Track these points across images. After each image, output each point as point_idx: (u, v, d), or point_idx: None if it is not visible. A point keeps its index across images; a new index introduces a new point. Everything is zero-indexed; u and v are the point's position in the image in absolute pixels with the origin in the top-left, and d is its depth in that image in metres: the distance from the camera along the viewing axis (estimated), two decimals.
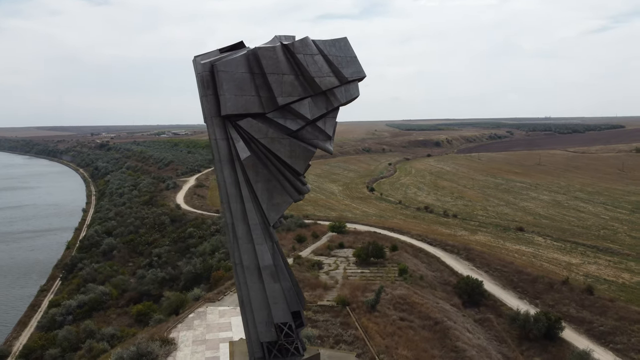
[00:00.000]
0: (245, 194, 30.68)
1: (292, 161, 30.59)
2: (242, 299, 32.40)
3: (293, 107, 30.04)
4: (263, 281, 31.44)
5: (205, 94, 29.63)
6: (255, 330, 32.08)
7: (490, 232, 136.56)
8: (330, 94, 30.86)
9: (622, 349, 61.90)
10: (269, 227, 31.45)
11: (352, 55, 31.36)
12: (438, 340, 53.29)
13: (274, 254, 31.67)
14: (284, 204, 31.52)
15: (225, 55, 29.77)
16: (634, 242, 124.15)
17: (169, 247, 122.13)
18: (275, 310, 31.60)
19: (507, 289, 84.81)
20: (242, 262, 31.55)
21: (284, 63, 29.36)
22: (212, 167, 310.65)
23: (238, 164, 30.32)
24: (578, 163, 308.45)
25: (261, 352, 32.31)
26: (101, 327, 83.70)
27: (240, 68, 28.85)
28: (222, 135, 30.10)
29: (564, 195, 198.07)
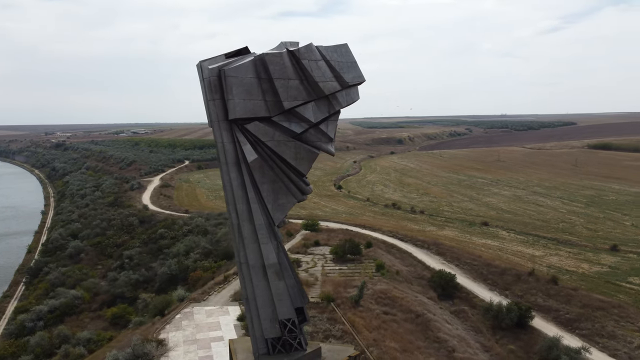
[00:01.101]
0: (251, 195, 31.63)
1: (297, 163, 31.77)
2: (246, 297, 33.32)
3: (298, 111, 31.21)
4: (268, 279, 32.49)
5: (213, 98, 30.39)
6: (260, 327, 33.08)
7: (457, 227, 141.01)
8: (332, 98, 32.18)
9: (587, 334, 65.94)
10: (273, 227, 32.52)
11: (352, 61, 32.75)
12: (421, 332, 55.57)
13: (278, 253, 32.77)
14: (289, 204, 32.66)
15: (232, 60, 30.63)
16: (590, 234, 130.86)
17: (140, 248, 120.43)
18: (279, 307, 32.70)
19: (477, 281, 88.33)
20: (247, 261, 32.49)
21: (289, 68, 30.48)
22: (176, 167, 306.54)
23: (244, 166, 31.24)
24: (535, 159, 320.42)
25: (265, 348, 33.35)
26: (75, 331, 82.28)
27: (249, 73, 29.79)
28: (229, 138, 30.94)
29: (523, 190, 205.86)
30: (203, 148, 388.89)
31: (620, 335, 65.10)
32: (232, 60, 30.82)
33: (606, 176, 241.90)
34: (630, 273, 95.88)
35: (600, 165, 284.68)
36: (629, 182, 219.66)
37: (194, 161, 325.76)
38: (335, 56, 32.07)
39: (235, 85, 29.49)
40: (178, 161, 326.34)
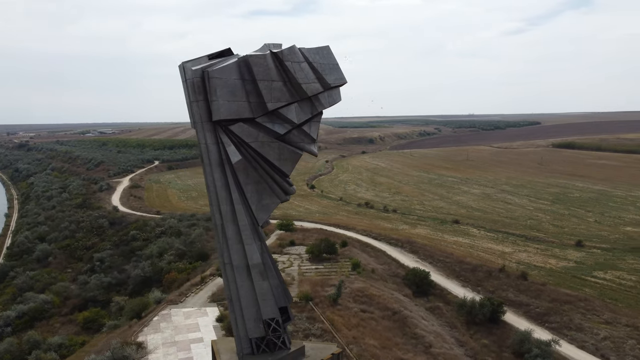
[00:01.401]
0: (235, 196, 31.77)
1: (280, 163, 32.07)
2: (230, 298, 33.43)
3: (281, 112, 31.51)
4: (252, 279, 32.69)
5: (196, 100, 30.42)
6: (244, 326, 33.25)
7: (429, 226, 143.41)
8: (315, 100, 32.60)
9: (556, 327, 68.28)
10: (257, 227, 32.74)
11: (334, 63, 33.24)
12: (398, 328, 56.57)
13: (262, 253, 33.00)
14: (273, 205, 32.94)
15: (216, 61, 30.70)
16: (557, 230, 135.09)
17: (112, 250, 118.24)
18: (264, 306, 32.94)
19: (450, 278, 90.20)
20: (231, 262, 32.61)
21: (273, 70, 30.76)
22: (145, 168, 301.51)
23: (228, 167, 31.37)
24: (502, 158, 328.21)
25: (250, 347, 33.55)
26: (46, 337, 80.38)
27: (233, 75, 29.95)
28: (212, 139, 31.02)
29: (492, 189, 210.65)
30: (173, 148, 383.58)
31: (587, 328, 67.65)
32: (215, 61, 30.89)
33: (570, 174, 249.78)
34: (595, 267, 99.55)
35: (564, 163, 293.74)
36: (591, 180, 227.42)
37: (164, 161, 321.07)
38: (317, 58, 32.50)
39: (219, 87, 29.59)
40: (148, 161, 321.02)
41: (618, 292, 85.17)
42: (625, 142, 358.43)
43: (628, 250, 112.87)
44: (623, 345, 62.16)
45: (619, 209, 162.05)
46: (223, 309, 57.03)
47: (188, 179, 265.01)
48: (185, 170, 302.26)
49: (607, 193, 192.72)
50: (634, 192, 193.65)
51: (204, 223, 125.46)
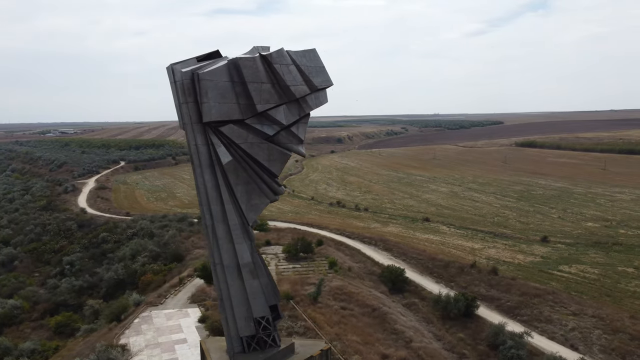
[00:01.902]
0: (225, 196, 32.14)
1: (270, 164, 32.62)
2: (221, 297, 33.76)
3: (270, 114, 32.06)
4: (243, 278, 33.12)
5: (186, 101, 30.64)
6: (235, 325, 33.64)
7: (400, 224, 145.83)
8: (302, 101, 33.28)
9: (527, 320, 70.96)
10: (247, 227, 33.20)
11: (320, 66, 33.99)
12: (379, 324, 57.82)
13: (252, 252, 33.48)
14: (262, 205, 33.45)
15: (205, 64, 30.99)
16: (523, 226, 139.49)
17: (81, 253, 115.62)
18: (254, 305, 33.43)
19: (424, 274, 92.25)
20: (222, 262, 32.96)
21: (262, 72, 31.28)
22: (111, 168, 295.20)
23: (218, 168, 31.71)
24: (468, 157, 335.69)
25: (241, 346, 33.97)
26: (17, 342, 78.36)
27: (223, 77, 30.32)
28: (202, 141, 31.30)
29: (459, 187, 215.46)
30: (139, 148, 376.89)
31: (556, 320, 70.54)
32: (205, 63, 31.17)
33: (533, 172, 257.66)
34: (560, 262, 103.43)
35: (527, 162, 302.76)
36: (553, 178, 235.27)
37: (130, 162, 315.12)
38: (304, 61, 33.19)
39: (210, 89, 29.91)
40: (113, 162, 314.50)
41: (582, 284, 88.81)
42: (583, 141, 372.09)
43: (590, 244, 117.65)
44: (590, 335, 65.19)
45: (580, 205, 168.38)
46: (204, 310, 57.05)
47: (156, 180, 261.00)
48: (152, 171, 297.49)
49: (568, 190, 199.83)
50: (593, 189, 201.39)
51: (177, 224, 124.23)
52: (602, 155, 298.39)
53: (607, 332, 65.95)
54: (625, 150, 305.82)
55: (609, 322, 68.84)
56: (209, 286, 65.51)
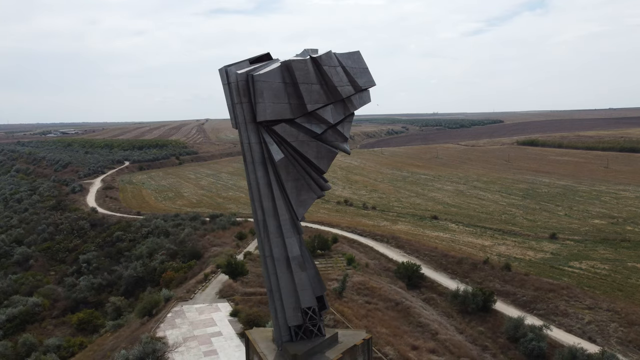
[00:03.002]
0: (276, 192, 33.68)
1: (318, 161, 34.18)
2: (270, 288, 35.31)
3: (318, 113, 33.60)
4: (292, 271, 34.66)
5: (240, 102, 32.17)
6: (284, 315, 35.17)
7: (409, 222, 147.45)
8: (347, 101, 34.85)
9: (544, 314, 72.62)
10: (296, 222, 34.77)
11: (364, 67, 35.55)
12: (403, 318, 59.42)
13: (301, 246, 35.02)
14: (310, 200, 35.03)
15: (258, 66, 32.54)
16: (530, 224, 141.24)
17: (97, 252, 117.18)
18: (302, 296, 34.95)
19: (438, 271, 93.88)
20: (272, 255, 34.50)
21: (312, 74, 32.82)
22: (116, 168, 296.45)
23: (270, 165, 33.24)
24: (470, 155, 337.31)
25: (289, 335, 35.50)
26: (41, 339, 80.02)
27: (277, 78, 31.86)
28: (255, 139, 32.83)
29: (464, 185, 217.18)
30: (142, 148, 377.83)
31: (572, 313, 72.22)
32: (257, 65, 32.69)
33: (535, 170, 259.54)
34: (570, 258, 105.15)
35: (529, 160, 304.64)
36: (556, 176, 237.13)
37: (135, 162, 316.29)
38: (349, 62, 34.72)
39: (265, 90, 31.43)
40: (117, 162, 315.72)
41: (594, 280, 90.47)
42: (584, 139, 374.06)
43: (598, 241, 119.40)
44: (607, 328, 66.86)
45: (585, 202, 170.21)
46: (234, 304, 58.58)
47: (161, 180, 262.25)
48: (157, 171, 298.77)
49: (573, 188, 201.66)
50: (597, 186, 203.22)
51: (190, 223, 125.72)
52: (604, 153, 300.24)
53: (623, 325, 67.62)
54: (627, 148, 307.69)
55: (624, 315, 70.48)
56: (235, 282, 67.07)
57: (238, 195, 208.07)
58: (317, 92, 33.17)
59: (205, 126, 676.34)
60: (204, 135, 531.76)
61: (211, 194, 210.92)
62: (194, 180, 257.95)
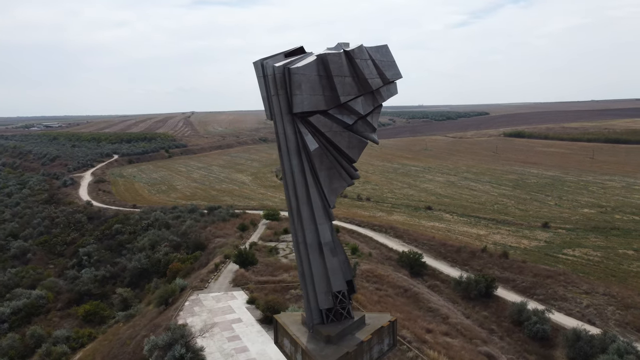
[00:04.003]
0: (309, 181, 35.03)
1: (349, 151, 35.58)
2: (302, 273, 36.71)
3: (350, 105, 34.96)
4: (324, 256, 36.12)
5: (277, 94, 33.39)
6: (316, 299, 36.63)
7: (404, 212, 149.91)
8: (377, 93, 36.25)
9: (544, 299, 75.34)
10: (328, 209, 36.16)
11: (392, 60, 36.96)
12: (414, 303, 61.40)
13: (332, 232, 36.46)
14: (340, 188, 36.46)
15: (294, 59, 33.75)
16: (522, 214, 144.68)
17: (96, 245, 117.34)
18: (333, 280, 36.43)
19: (438, 259, 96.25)
20: (305, 241, 35.88)
21: (345, 67, 34.15)
22: (105, 162, 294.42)
23: (304, 155, 34.56)
24: (458, 147, 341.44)
25: (320, 318, 37.00)
26: (49, 331, 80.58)
27: (313, 71, 33.13)
28: (291, 129, 34.11)
29: (455, 177, 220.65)
30: (131, 141, 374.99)
31: (570, 298, 75.04)
32: (293, 58, 33.86)
33: (523, 161, 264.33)
34: (563, 246, 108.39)
35: (516, 152, 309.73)
36: (544, 167, 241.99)
37: (124, 155, 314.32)
38: (378, 56, 36.08)
39: (303, 82, 32.66)
40: (106, 155, 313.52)
41: (588, 266, 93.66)
42: (569, 131, 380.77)
43: (589, 229, 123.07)
44: (604, 311, 69.75)
45: (574, 192, 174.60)
46: (249, 293, 59.95)
47: (152, 173, 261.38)
48: (147, 164, 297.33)
49: (560, 178, 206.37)
50: (584, 177, 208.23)
51: (189, 215, 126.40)
52: (589, 144, 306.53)
53: (620, 308, 70.57)
54: (612, 139, 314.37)
55: (620, 299, 73.50)
56: (246, 271, 68.39)
57: (231, 187, 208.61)
58: (349, 84, 34.50)
59: (192, 119, 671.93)
60: (191, 128, 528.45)
61: (204, 187, 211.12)
62: (186, 173, 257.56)
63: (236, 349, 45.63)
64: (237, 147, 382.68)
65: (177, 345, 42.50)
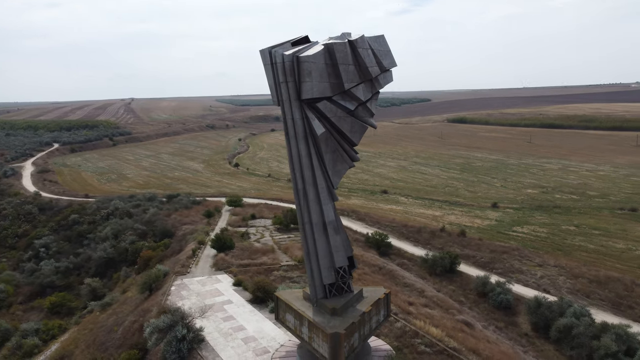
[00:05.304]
0: (315, 163, 37.12)
1: (351, 135, 37.94)
2: (307, 252, 38.84)
3: (352, 91, 37.21)
4: (328, 234, 38.44)
5: (286, 81, 35.11)
6: (320, 275, 38.95)
7: (362, 196, 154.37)
8: (375, 81, 38.71)
9: (502, 272, 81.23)
10: (332, 190, 38.44)
11: (388, 50, 39.45)
12: (391, 279, 64.93)
13: (334, 212, 38.81)
14: (343, 170, 38.80)
15: (301, 47, 35.52)
16: (472, 195, 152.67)
17: (53, 236, 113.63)
18: (336, 257, 38.87)
19: (401, 239, 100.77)
20: (311, 220, 38.02)
21: (349, 56, 36.32)
22: (45, 151, 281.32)
23: (311, 138, 36.57)
24: (406, 133, 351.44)
25: (323, 292, 39.40)
26: (15, 324, 78.49)
27: (321, 60, 35.06)
28: (299, 115, 35.98)
29: (405, 161, 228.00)
30: (71, 130, 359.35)
31: (526, 270, 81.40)
32: (301, 47, 35.57)
33: (467, 146, 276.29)
34: (513, 224, 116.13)
35: (460, 137, 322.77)
36: (487, 151, 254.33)
37: (65, 144, 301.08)
38: (376, 45, 38.45)
39: (313, 70, 34.50)
40: (46, 144, 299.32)
41: (536, 242, 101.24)
42: (507, 117, 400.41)
43: (534, 208, 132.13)
44: (557, 281, 76.38)
45: (517, 174, 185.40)
46: (233, 276, 61.32)
47: (98, 162, 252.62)
48: (91, 153, 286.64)
49: (503, 162, 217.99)
50: (524, 160, 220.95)
51: (148, 203, 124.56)
52: (527, 129, 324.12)
53: (570, 277, 77.50)
54: (546, 124, 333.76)
55: (569, 269, 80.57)
56: (226, 255, 69.49)
57: (185, 175, 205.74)
58: (352, 72, 36.71)
59: (133, 106, 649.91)
60: (134, 115, 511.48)
61: (157, 175, 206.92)
62: (134, 162, 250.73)
63: (233, 328, 47.20)
64: (185, 134, 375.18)
65: (179, 327, 43.59)
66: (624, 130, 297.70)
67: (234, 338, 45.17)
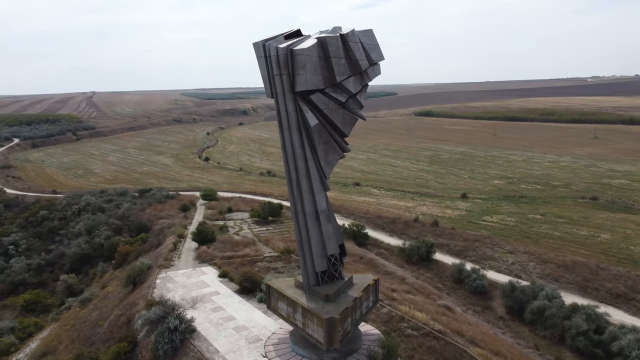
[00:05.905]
0: (308, 154, 38.13)
1: (343, 126, 39.13)
2: (300, 240, 39.91)
3: (343, 84, 38.32)
4: (320, 223, 39.57)
5: (280, 73, 35.94)
6: (312, 263, 40.08)
7: (334, 189, 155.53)
8: (364, 74, 39.88)
9: (475, 260, 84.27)
10: (324, 180, 39.53)
11: (376, 43, 40.65)
12: (372, 268, 66.63)
13: (326, 201, 39.94)
14: (335, 161, 39.96)
15: (295, 41, 36.37)
16: (442, 186, 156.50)
17: (22, 233, 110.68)
18: (328, 245, 40.06)
19: (377, 230, 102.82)
20: (303, 210, 39.06)
21: (341, 49, 37.36)
22: (5, 146, 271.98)
23: (304, 130, 37.54)
24: (374, 126, 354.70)
25: (315, 280, 40.56)
26: None
27: (314, 52, 36.01)
28: (293, 107, 36.90)
29: (375, 154, 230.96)
30: (31, 124, 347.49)
31: (497, 257, 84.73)
32: (294, 40, 36.39)
33: (434, 139, 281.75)
34: (482, 214, 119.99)
35: (427, 129, 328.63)
36: (454, 143, 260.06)
37: (26, 139, 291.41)
38: (365, 39, 39.57)
39: (307, 63, 35.38)
40: (5, 139, 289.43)
41: (505, 230, 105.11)
42: (472, 110, 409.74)
43: (501, 198, 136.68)
44: (527, 267, 79.88)
45: (483, 166, 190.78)
46: (218, 268, 61.74)
47: (62, 157, 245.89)
48: (54, 148, 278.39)
49: (470, 154, 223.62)
50: (490, 152, 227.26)
51: (120, 198, 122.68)
52: (490, 122, 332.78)
53: (539, 263, 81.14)
54: (510, 117, 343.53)
55: (538, 255, 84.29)
56: (208, 248, 69.73)
57: (154, 170, 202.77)
58: (343, 65, 37.79)
59: (95, 99, 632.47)
60: (96, 109, 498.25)
61: (125, 170, 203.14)
62: (100, 157, 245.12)
63: (223, 318, 47.82)
64: (151, 128, 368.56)
65: (170, 318, 43.96)
66: (582, 122, 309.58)
67: (225, 328, 45.82)
